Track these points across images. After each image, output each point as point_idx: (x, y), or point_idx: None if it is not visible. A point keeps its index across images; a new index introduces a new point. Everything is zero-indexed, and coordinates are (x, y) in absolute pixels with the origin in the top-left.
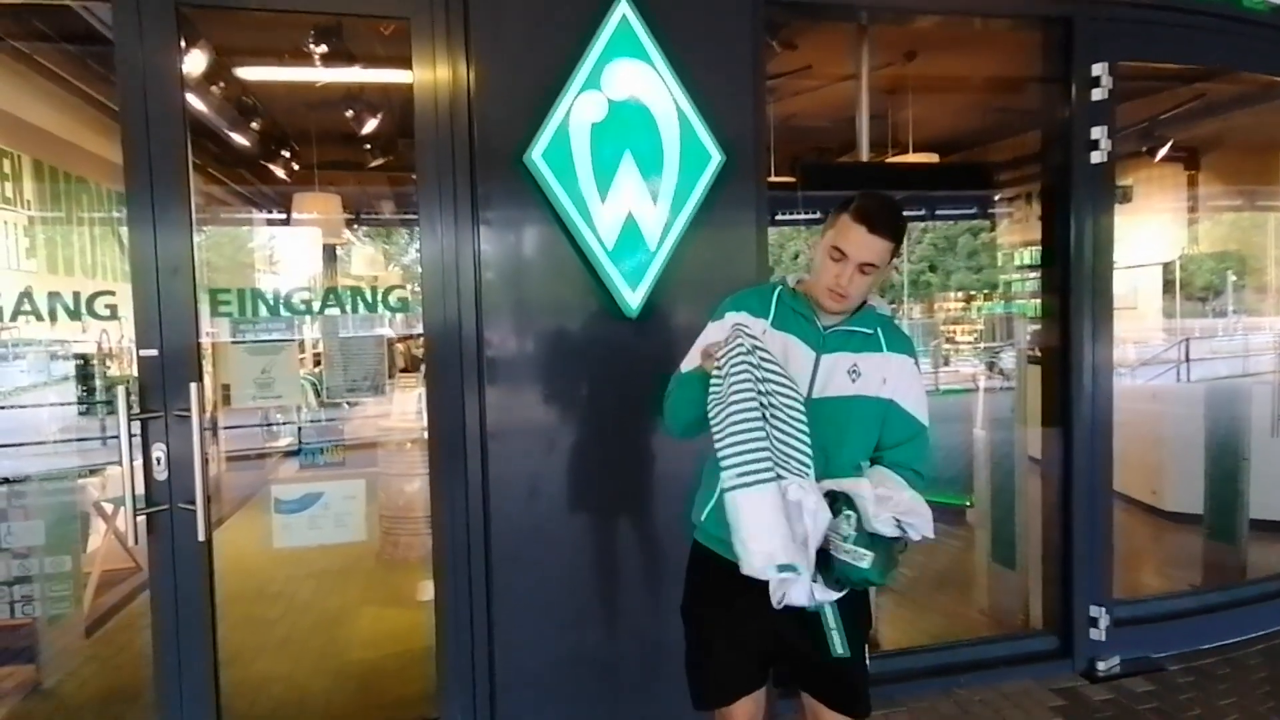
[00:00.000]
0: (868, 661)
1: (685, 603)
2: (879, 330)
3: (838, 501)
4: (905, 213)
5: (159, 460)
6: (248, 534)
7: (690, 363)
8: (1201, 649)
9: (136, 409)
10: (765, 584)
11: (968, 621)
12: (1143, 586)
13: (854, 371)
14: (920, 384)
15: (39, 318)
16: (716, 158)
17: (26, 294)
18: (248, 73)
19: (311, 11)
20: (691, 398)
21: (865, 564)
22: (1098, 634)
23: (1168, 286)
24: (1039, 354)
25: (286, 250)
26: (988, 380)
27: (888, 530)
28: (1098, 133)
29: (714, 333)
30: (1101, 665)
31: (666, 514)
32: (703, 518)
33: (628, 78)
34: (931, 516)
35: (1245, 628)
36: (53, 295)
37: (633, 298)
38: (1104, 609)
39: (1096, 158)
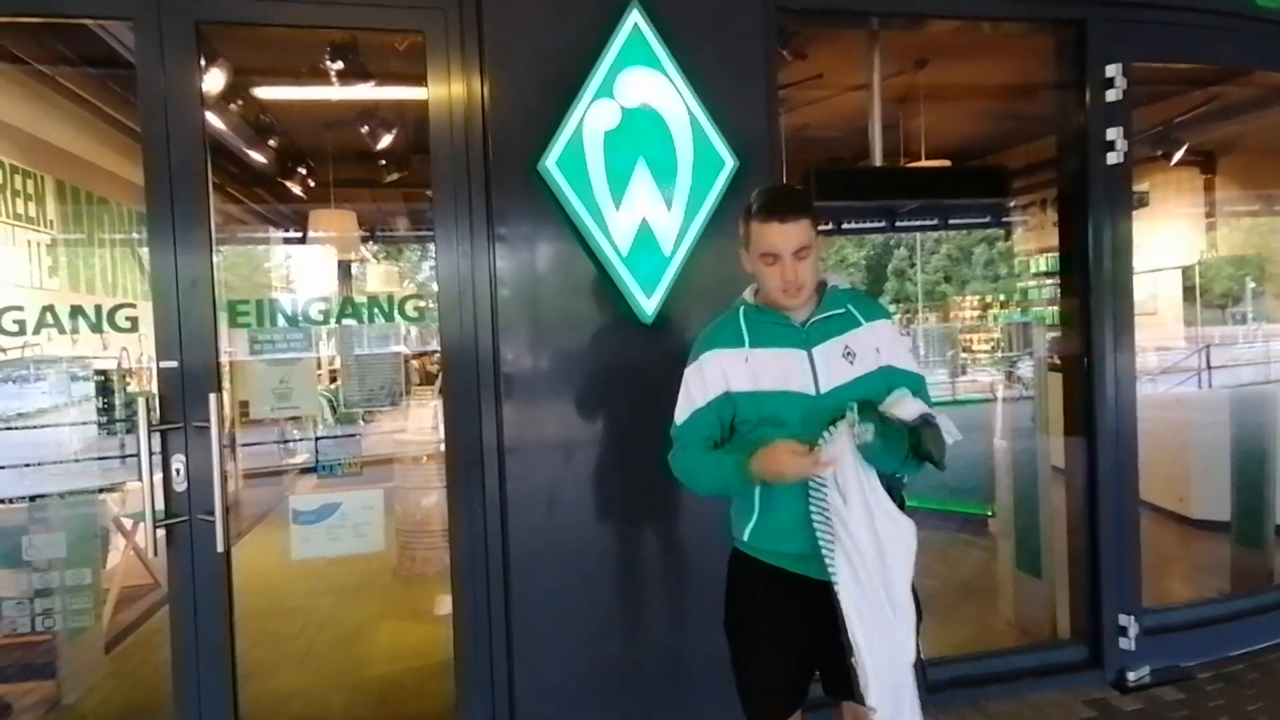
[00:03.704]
0: (922, 656)
1: (730, 616)
2: (849, 306)
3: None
4: (918, 222)
5: (178, 471)
6: (265, 549)
7: (686, 413)
8: (1230, 655)
9: (157, 420)
10: (811, 589)
11: (994, 632)
12: (1172, 594)
13: (849, 354)
14: (903, 340)
15: (61, 330)
16: (730, 163)
17: (49, 308)
18: (265, 91)
19: (327, 26)
20: (725, 484)
21: (867, 437)
22: (1127, 643)
23: (1187, 293)
24: (1059, 362)
25: (303, 267)
26: (1007, 389)
27: (909, 414)
28: (1113, 134)
29: (696, 378)
30: (1132, 675)
31: (687, 521)
32: (745, 537)
33: (640, 85)
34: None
35: (1273, 633)
36: (75, 309)
37: (648, 304)
38: (1133, 617)
39: (1113, 159)
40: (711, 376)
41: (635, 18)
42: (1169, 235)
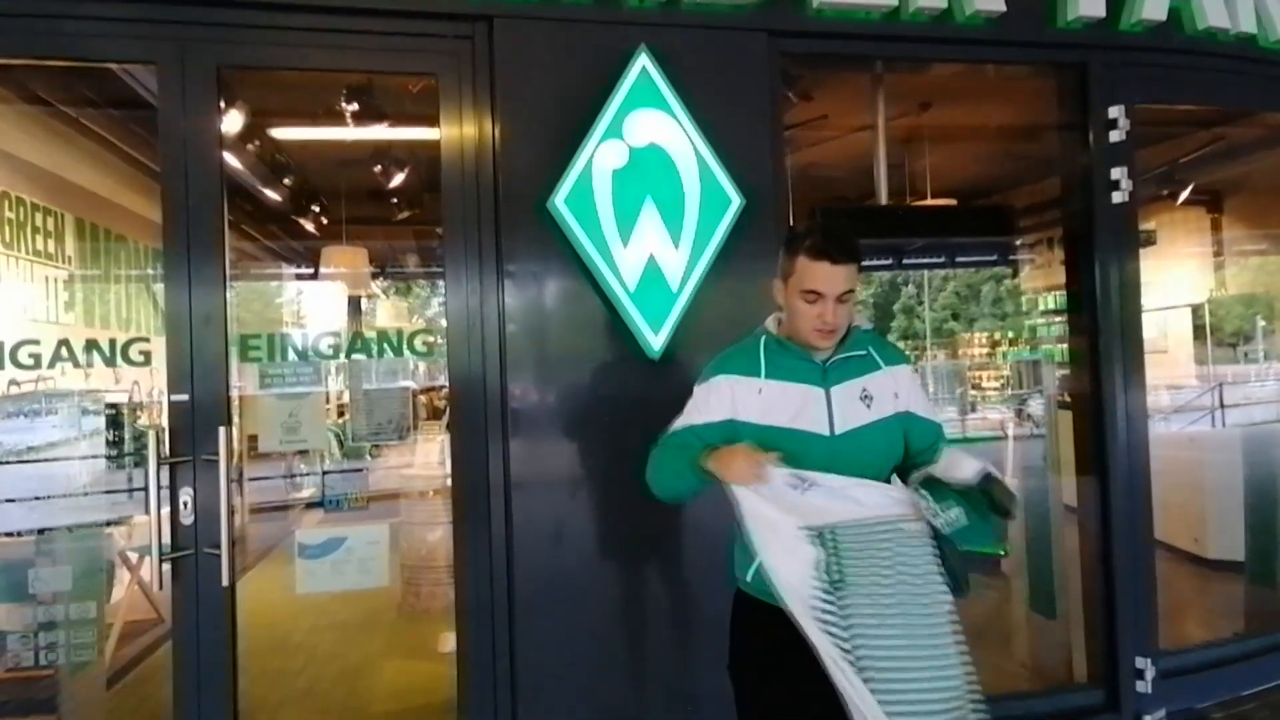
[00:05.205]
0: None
1: (735, 658)
2: (870, 349)
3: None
4: (925, 260)
5: (186, 504)
6: (270, 584)
7: (679, 425)
8: (1241, 695)
9: (166, 453)
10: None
11: (1009, 675)
12: (1189, 636)
13: (866, 396)
14: (921, 387)
15: (76, 364)
16: (736, 201)
17: (64, 342)
18: (281, 132)
19: (344, 70)
20: (679, 477)
21: (962, 520)
22: (1144, 686)
23: (1198, 331)
24: (1069, 400)
25: (314, 302)
26: (1017, 427)
27: (971, 473)
28: (1118, 173)
29: (703, 398)
30: (1148, 719)
31: (695, 559)
32: (749, 578)
33: (648, 126)
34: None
35: None
36: (90, 343)
37: (655, 340)
38: (1150, 660)
39: (1118, 198)
40: (718, 400)
41: (643, 61)
42: (1178, 274)
